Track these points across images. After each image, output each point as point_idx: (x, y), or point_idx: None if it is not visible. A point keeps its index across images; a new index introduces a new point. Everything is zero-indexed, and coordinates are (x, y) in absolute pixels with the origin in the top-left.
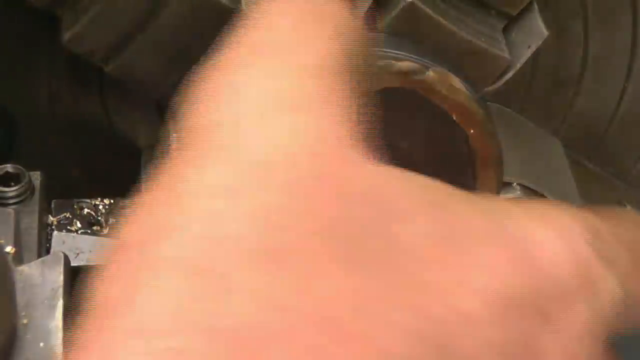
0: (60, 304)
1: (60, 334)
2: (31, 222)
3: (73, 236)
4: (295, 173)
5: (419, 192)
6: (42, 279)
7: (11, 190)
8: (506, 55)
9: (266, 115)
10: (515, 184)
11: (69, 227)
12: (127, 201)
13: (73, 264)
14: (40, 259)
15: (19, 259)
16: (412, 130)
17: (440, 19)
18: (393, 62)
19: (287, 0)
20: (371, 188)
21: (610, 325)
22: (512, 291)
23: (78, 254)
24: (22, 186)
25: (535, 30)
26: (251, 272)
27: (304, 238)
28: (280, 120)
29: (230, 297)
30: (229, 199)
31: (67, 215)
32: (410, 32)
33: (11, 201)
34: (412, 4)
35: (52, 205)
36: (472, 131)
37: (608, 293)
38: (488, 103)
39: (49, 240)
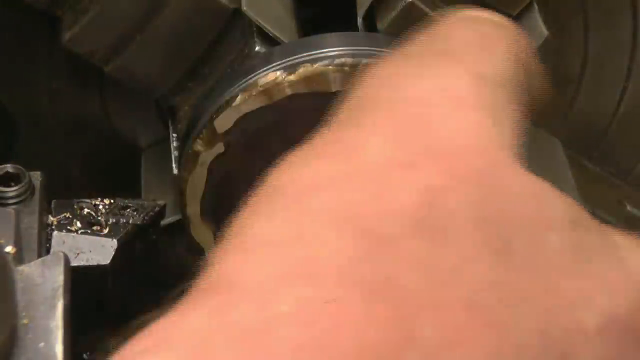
0: (60, 304)
1: (60, 334)
2: (31, 222)
3: (73, 236)
4: (468, 163)
5: (567, 206)
6: (42, 279)
7: (11, 190)
8: None
9: (439, 106)
10: None
11: (69, 227)
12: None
13: (73, 264)
14: (40, 259)
15: (19, 259)
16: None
17: None
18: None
19: (468, 18)
20: (531, 192)
21: None
22: (627, 320)
23: (78, 254)
24: (22, 186)
25: (535, 30)
26: (416, 241)
27: (465, 221)
28: (452, 113)
29: (397, 264)
30: (401, 172)
31: (67, 215)
32: (410, 32)
33: (11, 201)
34: (412, 4)
35: (52, 205)
36: None
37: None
38: None
39: (49, 240)
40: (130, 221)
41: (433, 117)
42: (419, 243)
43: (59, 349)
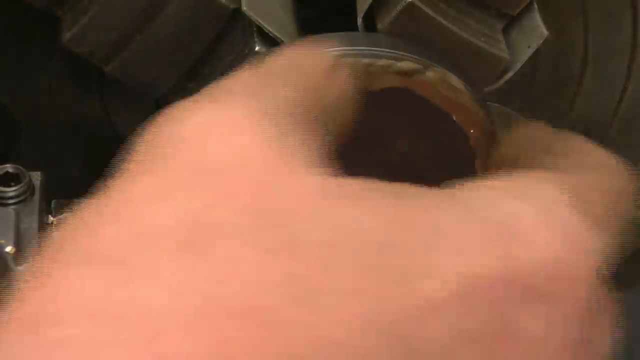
0: None
1: None
2: (31, 222)
3: None
4: (233, 178)
5: (374, 187)
6: None
7: (11, 190)
8: (506, 55)
9: (217, 138)
10: None
11: None
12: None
13: None
14: None
15: (19, 259)
16: (412, 130)
17: (440, 19)
18: (393, 62)
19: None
20: (313, 189)
21: (602, 290)
22: (483, 272)
23: None
24: (22, 186)
25: (535, 30)
26: (164, 261)
27: (236, 230)
28: (219, 138)
29: (138, 285)
30: (156, 200)
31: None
32: (410, 32)
33: (11, 201)
34: (412, 4)
35: (52, 205)
36: (472, 131)
37: (601, 262)
38: (488, 103)
39: None
40: None
41: (200, 147)
42: (180, 264)
43: None
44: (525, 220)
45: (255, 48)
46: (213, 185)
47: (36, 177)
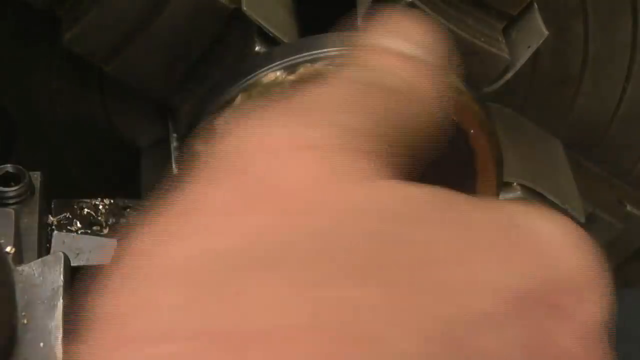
0: (60, 304)
1: (60, 334)
2: (31, 222)
3: (73, 236)
4: (295, 199)
5: (432, 199)
6: (42, 279)
7: (11, 190)
8: (506, 55)
9: (277, 151)
10: (515, 184)
11: (69, 227)
12: (137, 211)
13: (73, 264)
14: (40, 259)
15: (19, 259)
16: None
17: (440, 19)
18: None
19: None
20: (385, 204)
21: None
22: (527, 286)
23: (78, 254)
24: (22, 186)
25: (535, 30)
26: (247, 279)
27: (303, 252)
28: (292, 156)
29: (225, 303)
30: (228, 216)
31: (67, 215)
32: None
33: (11, 201)
34: (412, 4)
35: (52, 205)
36: (472, 131)
37: (608, 285)
38: (488, 103)
39: (49, 240)
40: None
41: (270, 164)
42: (246, 282)
43: (58, 349)
44: (551, 238)
45: (255, 48)
46: (284, 205)
47: (36, 177)
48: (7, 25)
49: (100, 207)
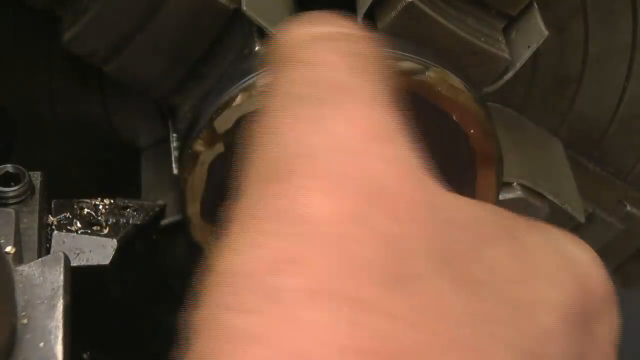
0: (60, 304)
1: (60, 334)
2: (31, 222)
3: (73, 236)
4: (406, 201)
5: (496, 219)
6: (42, 279)
7: (11, 190)
8: (506, 55)
9: (355, 147)
10: (515, 184)
11: (69, 227)
12: (222, 230)
13: (73, 264)
14: (40, 259)
15: (19, 259)
16: (412, 130)
17: (440, 19)
18: (393, 62)
19: (317, 35)
20: (463, 216)
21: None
22: (576, 307)
23: (78, 254)
24: (22, 186)
25: (535, 30)
26: (394, 297)
27: (423, 263)
28: (370, 151)
29: (382, 323)
30: (353, 225)
31: (67, 215)
32: (410, 32)
33: (11, 201)
34: (412, 4)
35: (52, 205)
36: (472, 131)
37: (617, 309)
38: (488, 103)
39: (49, 240)
40: (130, 221)
41: (355, 162)
42: (386, 298)
43: (58, 349)
44: (584, 261)
45: (255, 48)
46: (388, 210)
47: (36, 177)
48: (7, 25)
49: (100, 207)
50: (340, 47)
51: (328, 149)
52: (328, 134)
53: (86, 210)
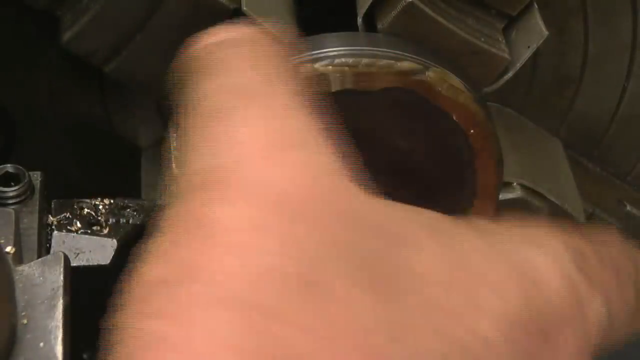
0: (60, 304)
1: (60, 334)
2: (31, 222)
3: (73, 236)
4: (313, 207)
5: (421, 220)
6: (42, 279)
7: (11, 190)
8: (506, 55)
9: (268, 154)
10: (515, 184)
11: (69, 227)
12: (146, 240)
13: (73, 264)
14: (40, 259)
15: (19, 259)
16: (412, 130)
17: (440, 19)
18: (393, 62)
19: (229, 45)
20: (379, 220)
21: (596, 345)
22: (518, 313)
23: (78, 254)
24: (22, 186)
25: (535, 30)
26: (296, 304)
27: (334, 269)
28: (282, 158)
29: (280, 329)
30: (257, 232)
31: (67, 215)
32: (410, 32)
33: (11, 201)
34: (412, 3)
35: (52, 205)
36: (472, 131)
37: (595, 315)
38: (488, 103)
39: (49, 240)
40: (130, 221)
41: (261, 170)
42: (296, 306)
43: (58, 349)
44: (540, 267)
45: None
46: (300, 213)
47: (36, 177)
48: (7, 25)
49: (100, 207)
50: (247, 52)
51: (236, 160)
52: (237, 144)
53: (86, 210)
